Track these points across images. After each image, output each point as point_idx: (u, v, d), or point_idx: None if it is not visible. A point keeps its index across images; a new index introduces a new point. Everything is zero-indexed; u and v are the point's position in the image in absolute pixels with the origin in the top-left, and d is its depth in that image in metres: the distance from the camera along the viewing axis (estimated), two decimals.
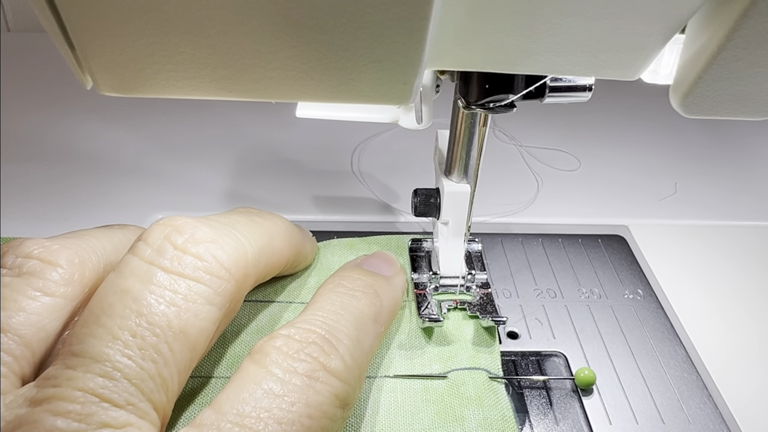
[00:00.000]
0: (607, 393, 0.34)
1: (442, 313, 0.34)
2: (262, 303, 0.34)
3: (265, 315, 0.34)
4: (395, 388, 0.31)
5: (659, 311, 0.39)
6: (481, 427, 0.29)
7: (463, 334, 0.34)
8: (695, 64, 0.21)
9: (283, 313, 0.34)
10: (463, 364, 0.32)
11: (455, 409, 0.30)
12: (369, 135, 0.53)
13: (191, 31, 0.18)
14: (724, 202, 0.49)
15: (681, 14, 0.20)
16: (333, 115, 0.35)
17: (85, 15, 0.18)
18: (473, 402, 0.30)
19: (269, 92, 0.20)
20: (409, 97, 0.21)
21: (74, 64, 0.19)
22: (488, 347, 0.33)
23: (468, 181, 0.34)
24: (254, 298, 0.34)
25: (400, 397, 0.30)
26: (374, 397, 0.30)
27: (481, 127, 0.31)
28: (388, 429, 0.29)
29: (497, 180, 0.49)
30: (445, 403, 0.30)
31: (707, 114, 0.23)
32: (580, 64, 0.22)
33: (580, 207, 0.47)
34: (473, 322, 0.34)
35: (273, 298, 0.35)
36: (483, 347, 0.33)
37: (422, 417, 0.29)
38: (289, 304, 0.35)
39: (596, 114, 0.59)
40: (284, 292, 0.35)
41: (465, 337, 0.34)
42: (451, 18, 0.20)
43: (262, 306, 0.34)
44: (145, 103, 0.56)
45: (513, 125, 0.56)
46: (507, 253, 0.43)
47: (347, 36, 0.19)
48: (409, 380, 0.31)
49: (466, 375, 0.32)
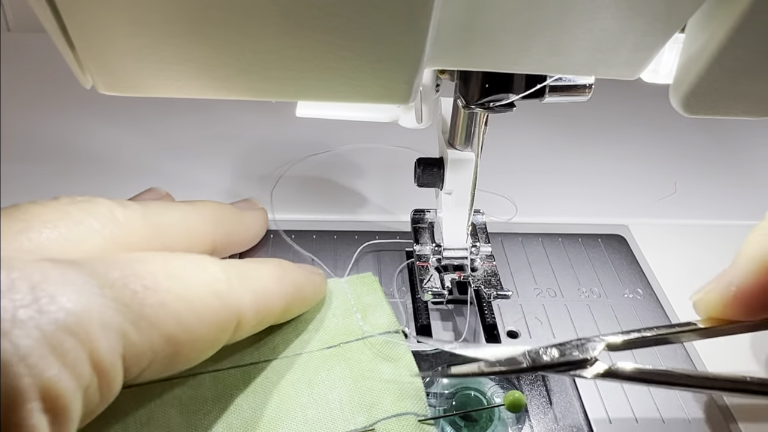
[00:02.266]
0: (607, 393, 0.34)
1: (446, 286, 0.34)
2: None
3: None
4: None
5: (659, 311, 0.39)
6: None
7: (381, 374, 0.31)
8: (695, 64, 0.21)
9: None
10: (388, 412, 0.29)
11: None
12: (369, 135, 0.53)
13: (191, 31, 0.18)
14: (724, 202, 0.49)
15: (681, 13, 0.20)
16: (333, 114, 0.35)
17: (85, 15, 0.18)
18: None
19: (269, 92, 0.20)
20: (409, 96, 0.21)
21: (74, 63, 0.19)
22: (412, 386, 0.31)
23: (472, 149, 0.33)
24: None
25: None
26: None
27: (481, 126, 0.31)
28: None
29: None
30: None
31: (707, 113, 0.23)
32: (580, 64, 0.22)
33: (580, 207, 0.47)
34: (388, 357, 0.32)
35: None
36: (406, 387, 0.31)
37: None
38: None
39: (596, 114, 0.59)
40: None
41: (384, 377, 0.31)
42: (451, 17, 0.20)
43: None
44: (146, 103, 0.56)
45: (506, 125, 0.56)
46: (507, 253, 0.43)
47: (347, 36, 0.19)
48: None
49: (393, 423, 0.29)
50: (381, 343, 0.33)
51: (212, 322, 0.25)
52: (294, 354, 0.32)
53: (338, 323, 0.34)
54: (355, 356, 0.32)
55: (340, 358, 0.32)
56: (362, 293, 0.36)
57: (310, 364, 0.32)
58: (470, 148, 0.33)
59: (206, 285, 0.25)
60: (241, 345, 0.32)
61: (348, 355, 0.32)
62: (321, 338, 0.33)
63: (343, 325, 0.34)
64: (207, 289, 0.25)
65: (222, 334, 0.26)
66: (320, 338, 0.33)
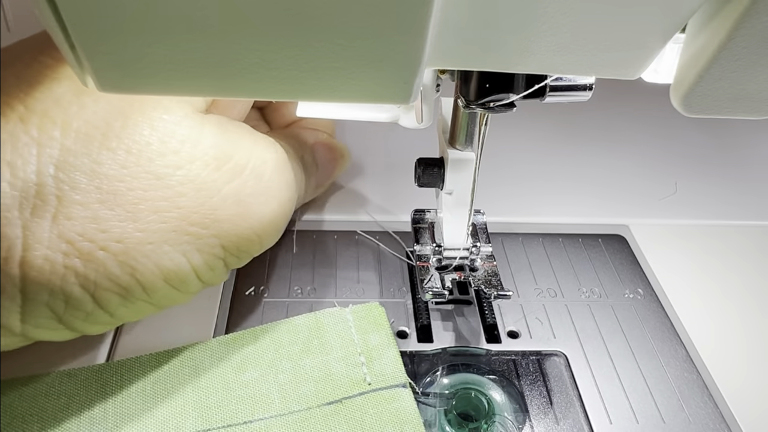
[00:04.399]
0: (607, 393, 0.34)
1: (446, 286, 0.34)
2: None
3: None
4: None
5: (659, 311, 0.39)
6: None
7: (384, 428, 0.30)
8: (696, 63, 0.21)
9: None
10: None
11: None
12: (369, 134, 0.53)
13: (191, 30, 0.18)
14: (724, 202, 0.49)
15: (681, 13, 0.20)
16: (333, 114, 0.35)
17: (85, 15, 0.18)
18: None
19: (269, 92, 0.20)
20: (410, 96, 0.21)
21: (74, 63, 0.19)
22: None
23: (473, 149, 0.33)
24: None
25: None
26: None
27: (482, 126, 0.31)
28: None
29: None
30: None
31: (708, 113, 0.23)
32: (580, 64, 0.22)
33: (580, 207, 0.47)
34: (394, 418, 0.30)
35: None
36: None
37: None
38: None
39: (596, 114, 0.59)
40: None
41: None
42: (452, 17, 0.20)
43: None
44: None
45: (506, 125, 0.56)
46: (507, 253, 0.43)
47: (347, 36, 0.19)
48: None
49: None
50: (386, 399, 0.31)
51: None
52: (291, 411, 0.30)
53: (341, 371, 0.32)
54: (357, 415, 0.30)
55: (341, 417, 0.30)
56: (368, 330, 0.34)
57: (309, 423, 0.30)
58: (470, 148, 0.33)
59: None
60: (235, 399, 0.30)
61: (350, 413, 0.30)
62: (321, 391, 0.31)
63: (346, 373, 0.32)
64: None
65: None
66: (321, 391, 0.31)
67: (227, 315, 0.36)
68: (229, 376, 0.32)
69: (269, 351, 0.33)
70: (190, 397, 0.31)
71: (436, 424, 0.32)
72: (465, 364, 0.35)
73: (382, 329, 0.34)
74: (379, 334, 0.34)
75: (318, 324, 0.34)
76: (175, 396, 0.31)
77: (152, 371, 0.32)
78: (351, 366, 0.32)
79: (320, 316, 0.35)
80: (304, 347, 0.33)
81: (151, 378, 0.31)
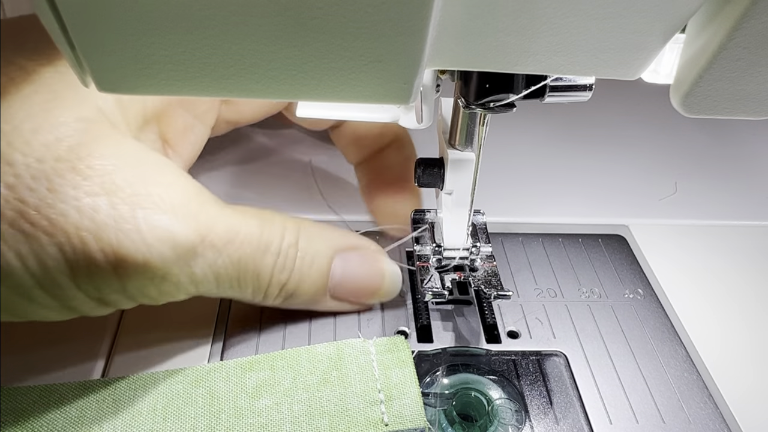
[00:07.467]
0: (607, 393, 0.34)
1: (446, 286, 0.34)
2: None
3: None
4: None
5: (659, 311, 0.39)
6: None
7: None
8: (696, 64, 0.21)
9: None
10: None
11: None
12: None
13: (191, 30, 0.18)
14: (724, 202, 0.49)
15: (681, 14, 0.20)
16: (333, 114, 0.35)
17: (85, 15, 0.18)
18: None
19: (269, 92, 0.20)
20: (410, 96, 0.21)
21: (74, 63, 0.19)
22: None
23: (473, 150, 0.33)
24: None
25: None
26: None
27: (482, 126, 0.31)
28: None
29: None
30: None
31: (708, 113, 0.23)
32: (580, 64, 0.22)
33: (580, 207, 0.47)
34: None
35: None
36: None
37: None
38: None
39: (596, 114, 0.59)
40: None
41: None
42: (451, 17, 0.20)
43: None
44: None
45: (506, 125, 0.56)
46: (507, 253, 0.43)
47: (347, 36, 0.19)
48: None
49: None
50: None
51: None
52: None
53: (358, 407, 0.31)
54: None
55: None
56: (390, 365, 0.33)
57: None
58: (470, 148, 0.33)
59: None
60: (246, 426, 0.30)
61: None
62: (336, 427, 0.30)
63: (363, 410, 0.31)
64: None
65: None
66: (335, 427, 0.30)
67: (227, 315, 0.37)
68: (243, 401, 0.31)
69: (287, 379, 0.32)
70: (202, 420, 0.30)
71: (436, 424, 0.32)
72: (465, 364, 0.35)
73: (406, 366, 0.33)
74: (402, 371, 0.32)
75: (339, 354, 0.33)
76: (186, 418, 0.30)
77: (166, 390, 0.31)
78: (369, 403, 0.31)
79: (342, 346, 0.34)
80: (323, 378, 0.32)
81: (164, 396, 0.31)
